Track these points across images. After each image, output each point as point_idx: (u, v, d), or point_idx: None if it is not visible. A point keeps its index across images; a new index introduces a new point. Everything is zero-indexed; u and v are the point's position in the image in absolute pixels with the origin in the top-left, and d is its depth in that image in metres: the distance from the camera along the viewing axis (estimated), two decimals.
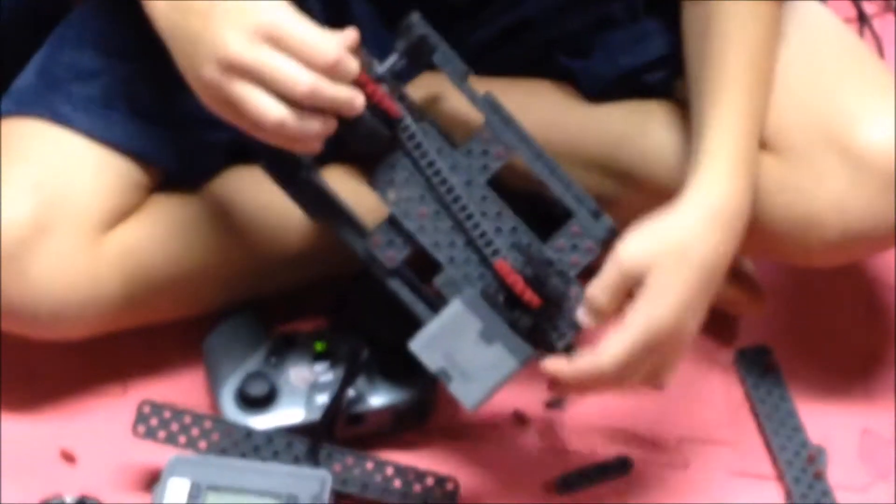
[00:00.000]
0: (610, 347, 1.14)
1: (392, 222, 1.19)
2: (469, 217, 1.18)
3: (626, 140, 1.30)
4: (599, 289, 1.14)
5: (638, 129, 1.30)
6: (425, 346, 1.17)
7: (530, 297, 1.15)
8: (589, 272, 1.18)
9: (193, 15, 1.11)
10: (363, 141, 1.14)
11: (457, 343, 1.17)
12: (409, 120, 1.16)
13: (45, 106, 1.24)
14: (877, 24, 1.59)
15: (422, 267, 1.21)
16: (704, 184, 1.16)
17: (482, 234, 1.18)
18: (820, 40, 1.28)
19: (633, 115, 1.31)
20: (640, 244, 1.15)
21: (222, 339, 1.31)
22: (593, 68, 1.32)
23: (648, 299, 1.13)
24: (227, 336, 1.31)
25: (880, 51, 1.56)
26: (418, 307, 1.21)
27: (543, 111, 1.32)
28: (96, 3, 1.29)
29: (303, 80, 1.08)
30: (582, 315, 1.16)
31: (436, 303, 1.20)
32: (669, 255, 1.14)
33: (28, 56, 1.29)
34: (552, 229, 1.20)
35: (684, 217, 1.15)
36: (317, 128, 1.10)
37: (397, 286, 1.21)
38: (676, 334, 1.14)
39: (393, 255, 1.20)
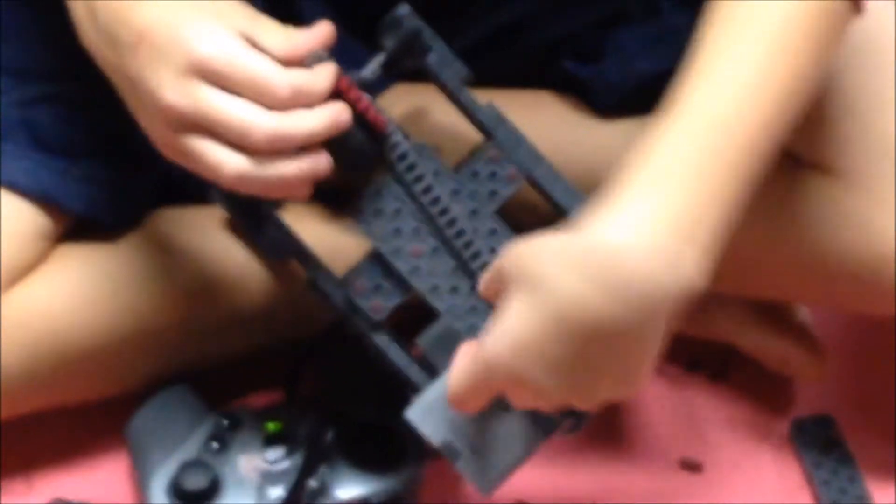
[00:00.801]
0: (451, 379, 1.01)
1: (379, 263, 1.09)
2: (475, 256, 1.08)
3: None
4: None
5: None
6: (425, 415, 1.06)
7: None
8: None
9: (126, 53, 1.03)
10: (348, 162, 1.04)
11: (465, 412, 1.07)
12: (399, 136, 1.06)
13: None
14: None
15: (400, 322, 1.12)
16: (620, 205, 0.99)
17: None
18: (885, 46, 1.20)
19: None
20: (524, 244, 1.01)
21: (151, 420, 1.21)
22: (604, 76, 1.25)
23: (491, 331, 1.00)
24: (158, 416, 1.21)
25: None
26: (412, 370, 1.10)
27: (547, 130, 1.22)
28: None
29: (258, 123, 1.01)
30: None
31: (427, 366, 1.11)
32: (536, 275, 0.98)
33: None
34: None
35: (579, 236, 0.99)
36: (290, 171, 1.01)
37: (385, 343, 1.10)
38: (528, 385, 0.98)
39: (380, 304, 1.09)
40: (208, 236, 1.19)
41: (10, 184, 1.16)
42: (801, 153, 1.18)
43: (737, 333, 1.29)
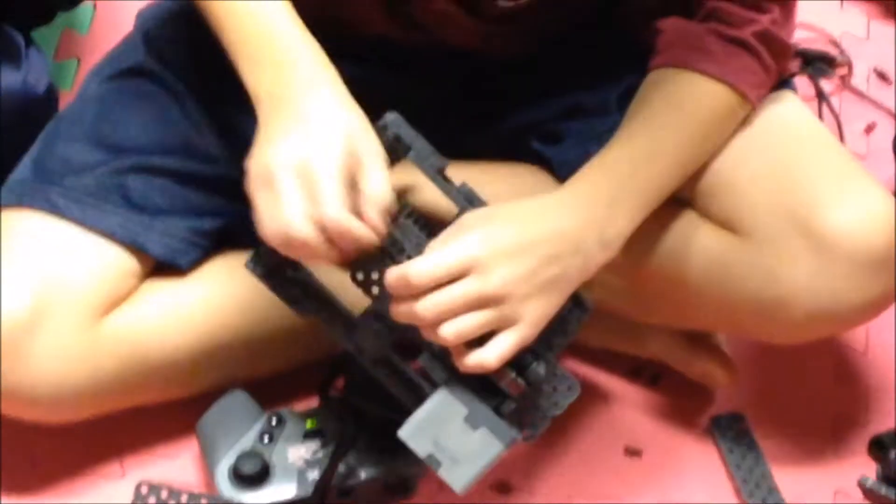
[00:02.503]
0: (419, 259, 1.12)
1: (376, 316, 1.17)
2: None
3: None
4: (422, 270, 1.11)
5: None
6: (413, 433, 1.15)
7: (513, 385, 1.12)
8: None
9: (289, 104, 1.11)
10: None
11: (443, 429, 1.15)
12: (394, 231, 1.13)
13: (41, 198, 1.24)
14: (834, 100, 1.59)
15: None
16: (565, 186, 1.17)
17: None
18: (788, 129, 1.27)
19: None
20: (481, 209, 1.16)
21: (216, 419, 1.28)
22: (563, 155, 1.30)
23: (463, 231, 1.12)
24: (221, 416, 1.28)
25: (839, 126, 1.56)
26: (404, 395, 1.19)
27: (521, 191, 1.28)
28: (89, 97, 1.30)
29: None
30: (393, 281, 1.12)
31: (421, 386, 1.17)
32: (499, 213, 1.14)
33: (24, 148, 1.29)
34: None
35: (530, 200, 1.16)
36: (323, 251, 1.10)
37: (383, 375, 1.19)
38: (486, 272, 1.11)
39: (379, 346, 1.18)
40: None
41: (109, 233, 1.24)
42: (717, 217, 1.22)
43: (667, 354, 1.35)
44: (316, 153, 1.11)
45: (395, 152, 1.15)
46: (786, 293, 1.21)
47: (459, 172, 1.22)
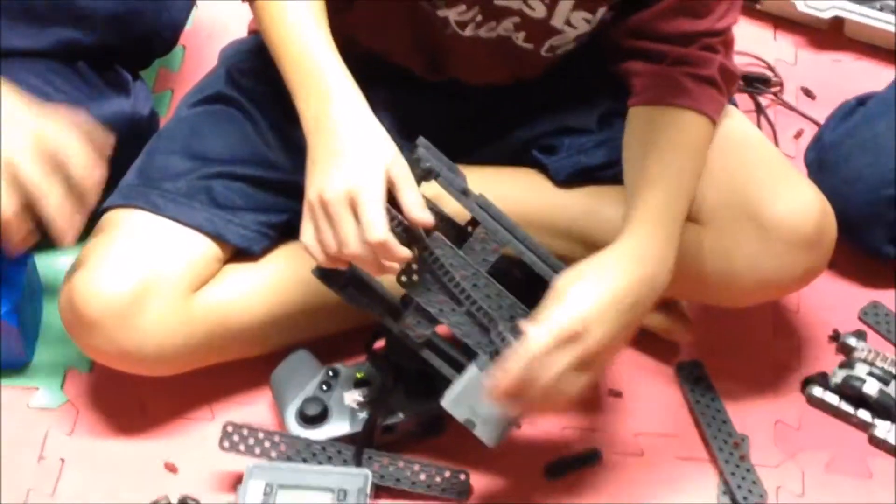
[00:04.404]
0: (533, 336, 1.15)
1: (419, 309, 1.21)
2: (474, 303, 1.19)
3: (587, 216, 1.34)
4: (546, 338, 1.15)
5: (596, 207, 1.34)
6: (453, 403, 1.20)
7: None
8: None
9: (333, 134, 1.15)
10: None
11: (475, 398, 1.19)
12: (424, 237, 1.17)
13: (143, 199, 1.29)
14: (770, 112, 1.63)
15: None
16: (624, 237, 1.20)
17: (485, 314, 1.19)
18: (736, 140, 1.30)
19: (591, 197, 1.35)
20: (565, 276, 1.18)
21: (285, 373, 1.33)
22: (561, 163, 1.35)
23: (564, 301, 1.15)
24: (289, 370, 1.33)
25: (774, 133, 1.60)
26: (445, 369, 1.23)
27: (524, 194, 1.35)
28: (182, 119, 1.35)
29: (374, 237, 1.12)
30: (527, 325, 1.16)
31: (460, 360, 1.22)
32: (584, 278, 1.17)
33: (133, 160, 1.35)
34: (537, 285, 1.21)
35: (602, 256, 1.19)
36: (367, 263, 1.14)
37: (428, 355, 1.23)
38: (588, 331, 1.15)
39: (422, 332, 1.22)
40: (312, 260, 1.20)
41: (198, 227, 1.29)
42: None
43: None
44: (361, 182, 1.12)
45: (427, 179, 1.18)
46: (737, 268, 1.26)
47: (473, 175, 1.27)
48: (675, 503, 1.31)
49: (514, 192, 1.35)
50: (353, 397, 1.31)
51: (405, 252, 1.15)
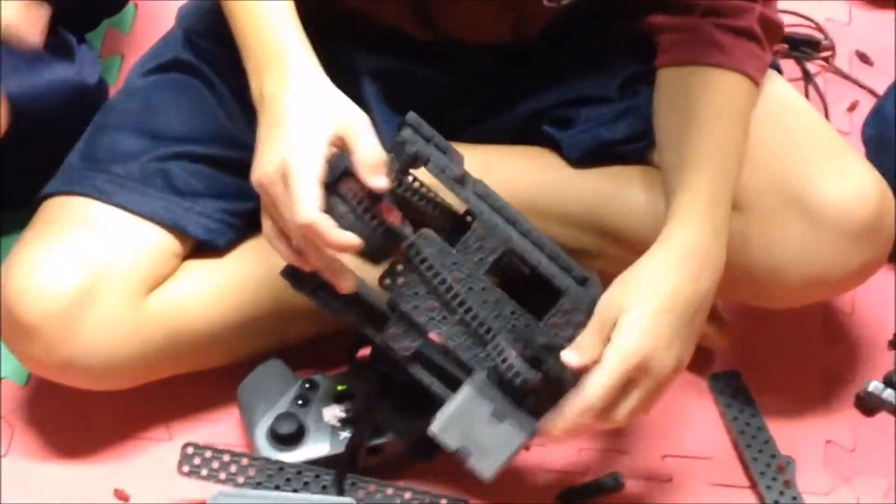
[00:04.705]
0: (591, 384, 1.11)
1: (404, 316, 1.16)
2: (468, 311, 1.14)
3: (606, 201, 1.28)
4: (583, 336, 1.12)
5: (617, 190, 1.28)
6: (444, 428, 1.15)
7: (534, 382, 1.12)
8: None
9: (272, 107, 1.10)
10: (369, 255, 1.11)
11: (471, 423, 1.14)
12: (407, 231, 1.12)
13: (89, 184, 1.24)
14: (819, 80, 1.58)
15: None
16: (674, 232, 1.15)
17: (481, 324, 1.14)
18: (779, 110, 1.26)
19: (612, 179, 1.29)
20: (613, 290, 1.14)
21: (255, 385, 1.28)
22: (575, 137, 1.30)
23: (621, 334, 1.11)
24: (259, 382, 1.28)
25: (824, 105, 1.55)
26: (436, 387, 1.18)
27: (532, 176, 1.30)
28: (133, 90, 1.30)
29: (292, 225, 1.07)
30: (570, 356, 1.12)
31: (454, 374, 1.16)
32: (639, 294, 1.12)
33: (79, 136, 1.29)
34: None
35: (653, 259, 1.14)
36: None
37: (416, 370, 1.18)
38: (653, 363, 1.11)
39: (408, 344, 1.17)
40: None
41: (153, 217, 1.23)
42: None
43: None
44: (293, 153, 1.08)
45: (414, 166, 1.13)
46: (780, 261, 1.22)
47: (473, 155, 1.22)
48: None
49: (520, 174, 1.30)
50: (333, 413, 1.26)
51: (343, 238, 1.08)
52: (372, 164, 1.08)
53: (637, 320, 1.11)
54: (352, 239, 1.08)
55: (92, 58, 1.39)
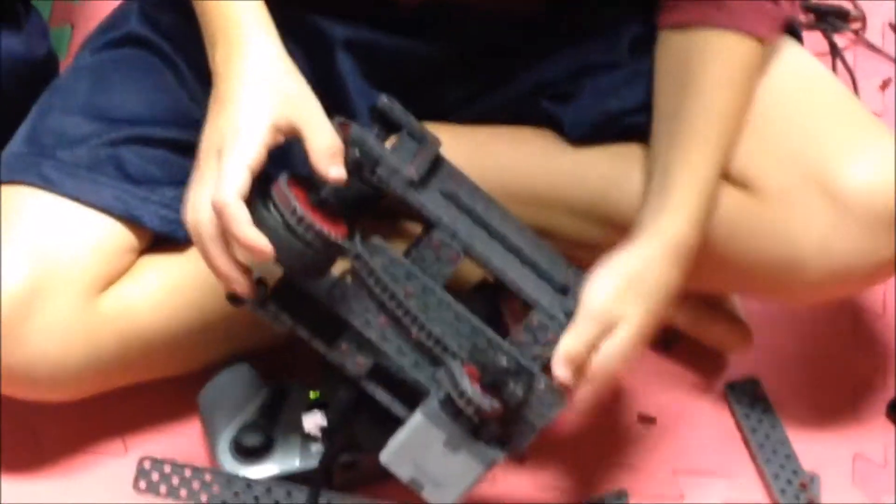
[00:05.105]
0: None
1: (356, 332, 1.11)
2: (421, 328, 1.09)
3: (611, 186, 1.23)
4: (576, 342, 1.09)
5: (624, 174, 1.24)
6: (394, 458, 1.10)
7: (491, 413, 1.05)
8: None
9: (218, 88, 1.07)
10: (305, 271, 1.05)
11: (423, 453, 1.10)
12: (354, 243, 1.06)
13: (33, 172, 1.19)
14: (848, 55, 1.55)
15: None
16: (669, 222, 1.13)
17: (437, 342, 1.09)
18: (801, 83, 1.23)
19: (618, 161, 1.24)
20: (606, 290, 1.11)
21: (217, 392, 1.24)
22: (578, 111, 1.26)
23: (616, 335, 1.10)
24: (222, 389, 1.25)
25: (854, 82, 1.52)
26: (394, 407, 1.13)
27: (528, 159, 1.26)
28: (82, 67, 1.26)
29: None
30: (561, 370, 1.08)
31: (415, 390, 1.11)
32: (634, 293, 1.11)
33: (17, 123, 1.26)
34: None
35: (645, 252, 1.12)
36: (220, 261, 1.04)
37: (372, 388, 1.13)
38: (631, 353, 1.12)
39: (362, 361, 1.11)
40: None
41: (104, 207, 1.18)
42: (730, 176, 1.19)
43: (681, 318, 1.31)
44: (231, 132, 1.05)
45: (362, 168, 1.07)
46: (801, 252, 1.18)
47: (467, 138, 1.21)
48: None
49: (517, 160, 1.25)
50: (314, 421, 1.22)
51: (252, 236, 1.02)
52: (326, 152, 1.05)
53: (633, 321, 1.10)
54: (261, 243, 1.03)
55: (41, 28, 1.37)
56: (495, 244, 1.11)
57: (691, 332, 1.31)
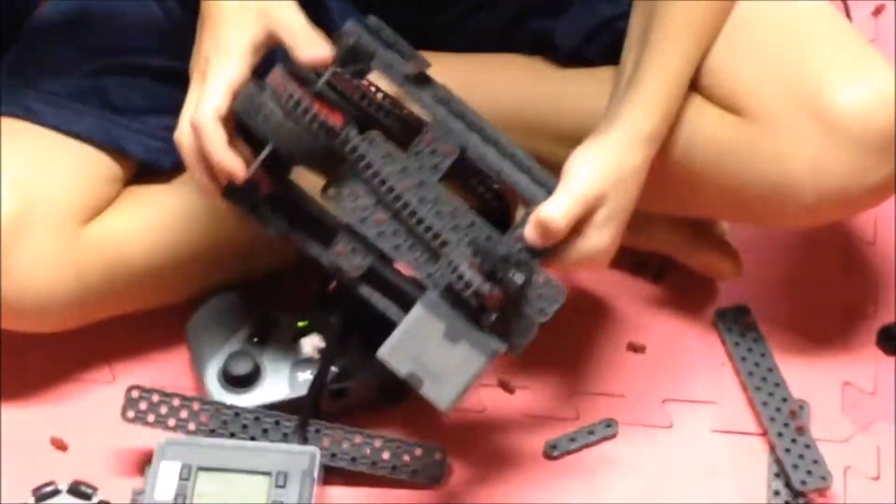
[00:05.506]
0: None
1: (351, 231, 1.11)
2: (420, 221, 1.10)
3: (601, 111, 1.21)
4: (560, 215, 1.09)
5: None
6: (392, 353, 1.10)
7: (490, 297, 1.05)
8: None
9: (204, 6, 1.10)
10: (304, 159, 1.07)
11: (423, 346, 1.09)
12: (350, 133, 1.07)
13: (16, 103, 1.21)
14: None
15: None
16: (640, 112, 1.14)
17: (435, 236, 1.09)
18: (793, 7, 1.21)
19: (605, 86, 1.22)
20: (589, 169, 1.11)
21: (205, 321, 1.24)
22: (570, 21, 1.26)
23: (598, 225, 1.11)
24: (210, 318, 1.24)
25: (846, 8, 1.42)
26: (391, 311, 1.13)
27: (516, 86, 1.26)
28: None
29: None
30: (533, 235, 1.09)
31: (409, 294, 1.12)
32: (615, 176, 1.11)
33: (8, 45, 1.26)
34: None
35: (620, 139, 1.12)
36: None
37: (368, 292, 1.13)
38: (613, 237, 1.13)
39: (359, 262, 1.12)
40: None
41: (87, 136, 1.19)
42: (721, 101, 1.18)
43: (671, 245, 1.31)
44: (213, 49, 1.07)
45: (357, 61, 1.08)
46: (792, 175, 1.17)
47: (455, 65, 1.19)
48: (714, 489, 1.23)
49: (506, 85, 1.24)
50: (312, 344, 1.22)
51: (225, 157, 1.05)
52: (310, 44, 1.07)
53: (613, 213, 1.10)
54: (234, 165, 1.05)
55: None
56: (489, 147, 1.10)
57: (682, 260, 1.31)
